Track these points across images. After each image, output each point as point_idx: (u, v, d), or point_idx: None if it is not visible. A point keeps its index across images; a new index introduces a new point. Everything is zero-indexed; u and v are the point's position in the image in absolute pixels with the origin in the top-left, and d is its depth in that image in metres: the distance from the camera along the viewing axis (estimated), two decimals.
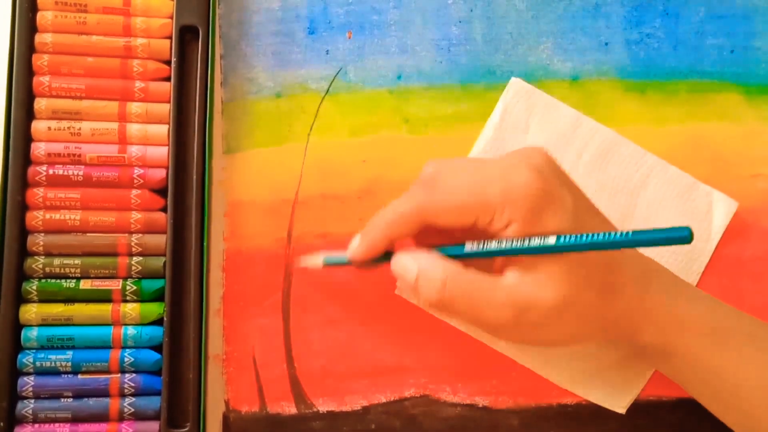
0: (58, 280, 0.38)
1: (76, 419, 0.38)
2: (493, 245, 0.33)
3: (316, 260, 0.38)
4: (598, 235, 0.32)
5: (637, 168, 0.42)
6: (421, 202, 0.34)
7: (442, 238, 0.36)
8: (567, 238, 0.32)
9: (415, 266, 0.34)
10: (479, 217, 0.33)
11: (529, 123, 0.42)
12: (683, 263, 0.42)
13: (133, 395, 0.38)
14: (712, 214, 0.42)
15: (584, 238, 0.32)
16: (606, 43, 0.43)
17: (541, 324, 0.33)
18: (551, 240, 0.32)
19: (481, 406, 0.41)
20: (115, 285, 0.39)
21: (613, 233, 0.32)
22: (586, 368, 0.41)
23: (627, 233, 0.32)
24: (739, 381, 0.35)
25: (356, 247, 0.36)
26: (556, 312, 0.33)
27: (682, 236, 0.30)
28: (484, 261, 0.36)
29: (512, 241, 0.33)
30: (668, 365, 0.38)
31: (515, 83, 0.42)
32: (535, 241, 0.32)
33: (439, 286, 0.33)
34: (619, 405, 0.41)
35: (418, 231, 0.35)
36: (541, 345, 0.37)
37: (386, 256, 0.36)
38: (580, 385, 0.41)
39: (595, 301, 0.34)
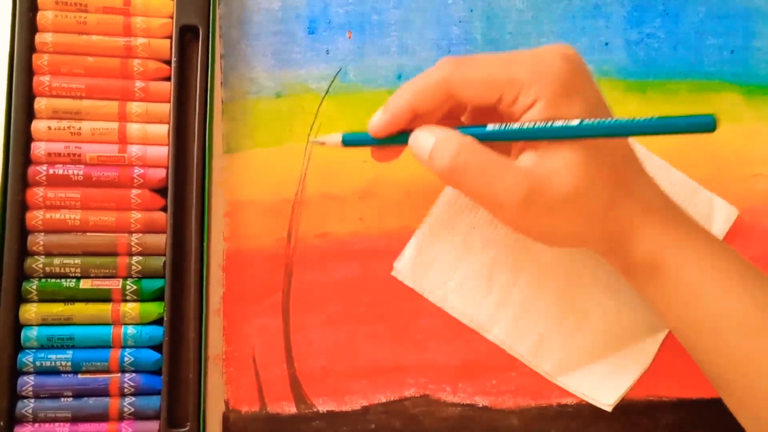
0: (58, 280, 0.38)
1: (76, 419, 0.38)
2: (515, 126, 0.33)
3: (335, 138, 0.36)
4: (621, 119, 0.32)
5: None
6: (448, 72, 0.33)
7: (466, 122, 0.35)
8: (590, 122, 0.32)
9: (432, 137, 0.33)
10: (505, 92, 0.33)
11: None
12: None
13: (133, 395, 0.38)
14: (713, 220, 0.42)
15: (607, 122, 0.32)
16: (606, 43, 0.43)
17: (548, 211, 0.33)
18: (575, 122, 0.32)
19: (481, 406, 0.41)
20: (115, 285, 0.39)
21: (635, 119, 0.32)
22: (577, 357, 0.41)
23: (650, 118, 0.32)
24: (721, 314, 0.34)
25: (379, 116, 0.34)
26: (566, 200, 0.32)
27: (706, 123, 0.30)
28: (503, 147, 0.35)
29: (534, 124, 0.32)
30: (654, 284, 0.36)
31: None
32: (559, 123, 0.32)
33: (453, 153, 0.33)
34: (607, 401, 0.41)
35: (442, 104, 0.34)
36: (541, 237, 0.36)
37: (406, 137, 0.35)
38: (570, 378, 0.41)
39: (604, 198, 0.33)
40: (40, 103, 0.39)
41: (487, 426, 0.41)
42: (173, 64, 0.40)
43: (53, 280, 0.38)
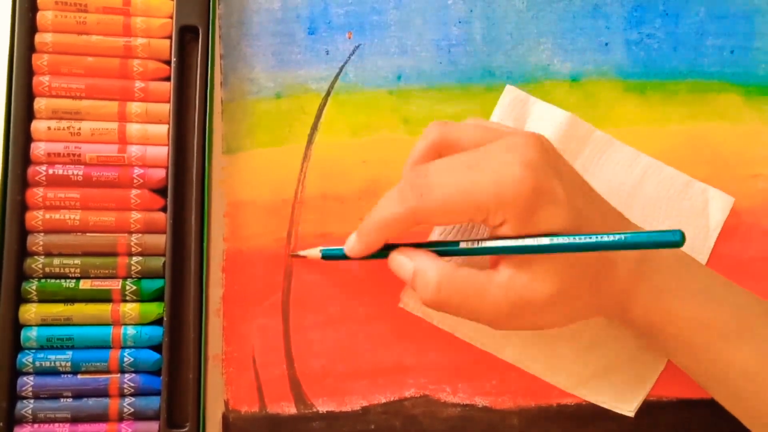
0: (58, 280, 0.38)
1: (76, 419, 0.38)
2: (487, 244, 0.34)
3: (314, 252, 0.39)
4: (590, 236, 0.32)
5: (632, 169, 0.42)
6: (413, 205, 0.34)
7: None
8: (559, 240, 0.32)
9: (411, 266, 0.35)
10: (473, 217, 0.33)
11: (524, 129, 0.42)
12: None
13: (132, 395, 0.38)
14: (709, 211, 0.42)
15: (576, 239, 0.32)
16: (606, 44, 0.43)
17: (534, 315, 0.34)
18: (545, 241, 0.32)
19: (481, 406, 0.41)
20: (114, 285, 0.39)
21: (604, 235, 0.32)
22: (592, 371, 0.41)
23: (619, 236, 0.31)
24: (726, 363, 0.35)
25: (353, 245, 0.37)
26: (550, 304, 0.33)
27: (674, 240, 0.30)
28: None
29: (506, 241, 0.33)
30: (657, 343, 0.39)
31: (510, 91, 0.42)
32: (529, 241, 0.32)
33: (434, 287, 0.34)
34: (628, 407, 0.41)
35: (412, 230, 0.35)
36: (535, 329, 0.38)
37: (383, 250, 0.37)
38: (588, 389, 0.41)
39: (588, 290, 0.35)
40: (40, 104, 0.39)
41: (487, 426, 0.41)
42: (173, 65, 0.40)
43: (53, 281, 0.38)
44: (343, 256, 0.37)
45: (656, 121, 0.43)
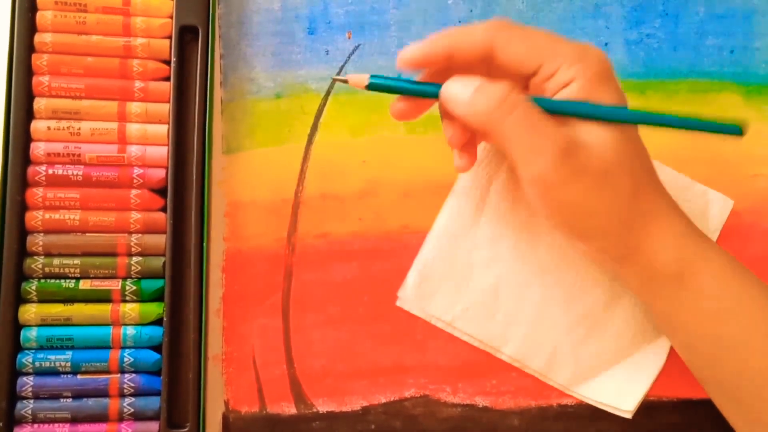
0: (58, 280, 0.38)
1: (76, 419, 0.38)
2: (561, 99, 0.33)
3: (361, 78, 0.34)
4: (659, 114, 0.34)
5: None
6: (495, 30, 0.32)
7: None
8: (635, 111, 0.33)
9: (474, 83, 0.32)
10: (546, 63, 0.32)
11: None
12: None
13: (132, 395, 0.38)
14: (708, 213, 0.42)
15: (648, 113, 0.34)
16: (606, 44, 0.43)
17: (577, 179, 0.32)
18: (617, 109, 0.33)
19: (481, 406, 0.41)
20: (114, 285, 0.39)
21: (671, 115, 0.34)
22: (590, 372, 0.41)
23: (683, 117, 0.34)
24: (748, 331, 0.34)
25: (414, 46, 0.33)
26: (597, 173, 0.32)
27: (736, 130, 0.34)
28: None
29: (583, 102, 0.33)
30: (678, 295, 0.35)
31: None
32: (606, 105, 0.33)
33: (500, 96, 0.32)
34: (626, 408, 0.41)
35: (480, 60, 0.33)
36: (561, 215, 0.34)
37: (436, 90, 0.33)
38: (586, 390, 0.41)
39: (630, 185, 0.33)
40: (40, 104, 0.39)
41: (487, 426, 0.41)
42: (173, 65, 0.40)
43: (53, 281, 0.38)
44: (396, 86, 0.34)
45: None
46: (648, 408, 0.41)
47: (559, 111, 0.33)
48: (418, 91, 0.34)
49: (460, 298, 0.41)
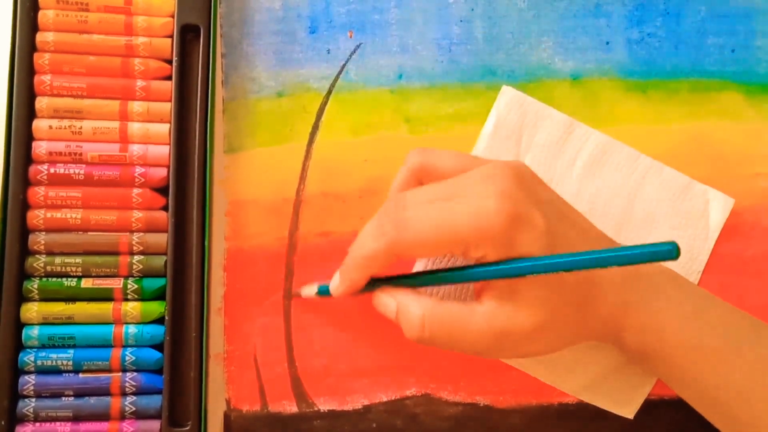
0: (60, 279, 0.38)
1: (78, 418, 0.38)
2: (468, 270, 0.34)
3: (311, 290, 0.39)
4: (575, 255, 0.31)
5: (631, 171, 0.42)
6: (392, 240, 0.33)
7: None
8: (541, 260, 0.31)
9: (394, 305, 0.35)
10: (452, 250, 0.33)
11: (521, 131, 0.42)
12: (683, 263, 0.42)
13: (134, 394, 0.38)
14: (709, 212, 0.42)
15: (560, 259, 0.31)
16: (607, 42, 0.43)
17: (519, 345, 0.34)
18: (526, 262, 0.32)
19: (482, 405, 0.41)
20: (116, 284, 0.39)
21: (593, 252, 0.30)
22: (592, 374, 0.41)
23: (608, 252, 0.30)
24: (719, 385, 0.35)
25: (338, 285, 0.36)
26: (536, 333, 0.33)
27: (667, 250, 0.28)
28: (463, 286, 0.38)
29: (487, 266, 0.33)
30: (649, 367, 0.38)
31: (507, 91, 0.42)
32: (510, 264, 0.32)
33: (418, 324, 0.34)
34: (627, 410, 0.41)
35: (394, 265, 0.35)
36: (524, 357, 0.39)
37: (370, 284, 0.36)
38: (588, 392, 0.41)
39: (574, 317, 0.34)
40: (42, 102, 0.39)
41: (488, 425, 0.41)
42: (174, 64, 0.40)
43: (54, 279, 0.38)
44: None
45: (657, 120, 0.43)
46: (648, 407, 0.41)
47: (474, 279, 0.34)
48: (357, 294, 0.37)
49: None
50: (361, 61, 0.43)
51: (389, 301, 0.35)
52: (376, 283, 0.36)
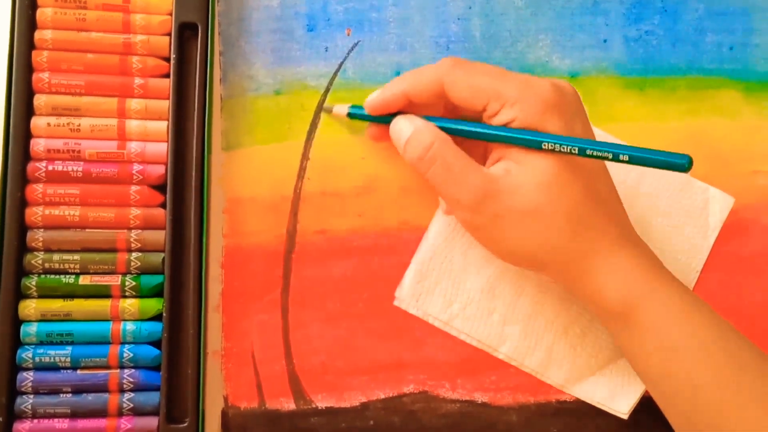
0: (58, 276, 0.38)
1: (76, 414, 0.38)
2: (495, 130, 0.35)
3: (342, 108, 0.41)
4: (600, 143, 0.33)
5: (630, 168, 0.42)
6: (444, 70, 0.35)
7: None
8: (568, 140, 0.33)
9: (410, 127, 0.36)
10: (490, 102, 0.34)
11: None
12: (683, 260, 0.42)
13: (132, 390, 0.38)
14: (709, 210, 0.42)
15: (583, 142, 0.33)
16: (605, 40, 0.44)
17: (499, 219, 0.34)
18: (552, 137, 0.33)
19: (480, 402, 0.41)
20: (114, 281, 0.39)
21: (615, 145, 0.33)
22: (587, 371, 0.41)
23: (628, 149, 0.32)
24: (697, 368, 0.34)
25: (375, 95, 0.38)
26: (521, 214, 0.34)
27: (680, 163, 0.31)
28: (480, 155, 0.37)
29: (516, 131, 0.34)
30: (628, 332, 0.36)
31: None
32: (541, 134, 0.34)
33: (426, 145, 0.35)
34: (622, 408, 0.41)
35: (435, 99, 0.36)
36: (492, 246, 0.36)
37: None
38: (582, 389, 0.41)
39: (565, 228, 0.34)
40: (40, 100, 0.39)
41: (486, 422, 0.41)
42: (172, 61, 0.40)
43: (52, 276, 0.38)
44: (369, 116, 0.39)
45: (655, 118, 0.43)
46: (646, 405, 0.41)
47: (486, 138, 0.35)
48: (385, 121, 0.39)
49: (456, 298, 0.41)
50: (358, 59, 0.43)
51: (406, 124, 0.37)
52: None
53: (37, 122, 0.39)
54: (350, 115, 0.40)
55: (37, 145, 0.39)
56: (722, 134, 0.43)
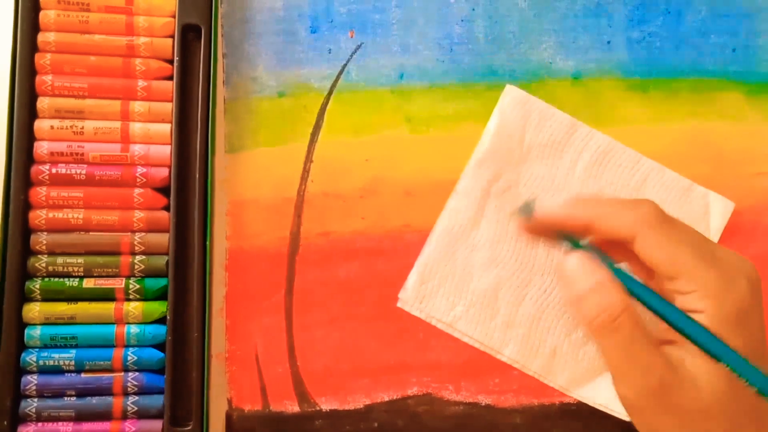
0: (61, 279, 0.38)
1: (80, 418, 0.38)
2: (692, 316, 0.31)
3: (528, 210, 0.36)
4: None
5: (633, 173, 0.42)
6: (643, 225, 0.32)
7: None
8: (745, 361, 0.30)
9: (593, 280, 0.32)
10: (682, 279, 0.31)
11: (524, 131, 0.42)
12: None
13: (136, 394, 0.38)
14: (710, 215, 0.42)
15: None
16: (608, 42, 0.43)
17: (670, 417, 0.31)
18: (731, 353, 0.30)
19: (483, 404, 0.41)
20: (118, 284, 0.39)
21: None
22: (590, 374, 0.41)
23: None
24: None
25: (554, 206, 0.34)
26: (697, 410, 0.30)
27: None
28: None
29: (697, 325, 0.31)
30: None
31: (510, 91, 0.42)
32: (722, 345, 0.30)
33: (613, 314, 0.31)
34: (623, 411, 0.41)
35: (618, 242, 0.33)
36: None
37: (576, 244, 0.34)
38: (586, 392, 0.41)
39: (736, 423, 0.31)
40: (43, 103, 0.39)
41: (489, 424, 0.41)
42: (175, 64, 0.40)
43: (56, 279, 0.38)
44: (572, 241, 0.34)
45: (658, 120, 0.43)
46: None
47: (666, 315, 0.32)
48: (566, 239, 0.34)
49: (460, 300, 0.41)
50: (362, 61, 0.43)
51: (587, 272, 0.32)
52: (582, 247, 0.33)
53: (41, 125, 0.39)
54: (521, 212, 0.35)
55: (41, 148, 0.39)
56: (725, 136, 0.43)
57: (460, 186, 0.41)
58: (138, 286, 0.39)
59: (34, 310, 0.38)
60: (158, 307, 0.39)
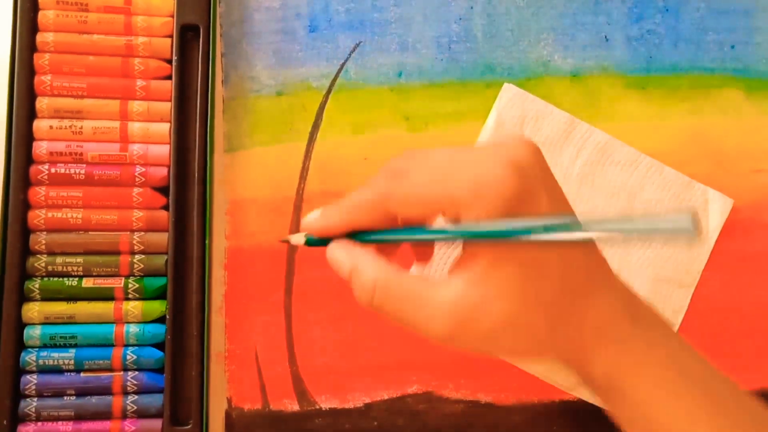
0: (61, 279, 0.38)
1: (79, 417, 0.38)
2: (448, 228, 0.30)
3: (299, 238, 0.34)
4: (565, 221, 0.27)
5: (632, 170, 0.42)
6: (383, 190, 0.30)
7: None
8: (542, 222, 0.27)
9: (349, 263, 0.31)
10: (444, 210, 0.29)
11: (522, 129, 0.42)
12: (682, 264, 0.42)
13: (135, 393, 0.38)
14: (708, 212, 0.42)
15: (562, 221, 0.27)
16: (606, 39, 0.43)
17: (479, 339, 0.30)
18: (521, 224, 0.28)
19: (483, 402, 0.41)
20: (117, 283, 0.39)
21: (607, 221, 0.27)
22: None
23: (622, 221, 0.26)
24: None
25: (313, 221, 0.32)
26: (497, 330, 0.30)
27: (684, 228, 0.24)
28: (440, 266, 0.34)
29: (474, 225, 0.28)
30: (614, 405, 0.34)
31: (508, 89, 0.42)
32: (504, 225, 0.28)
33: (368, 289, 0.30)
34: None
35: (381, 221, 0.31)
36: (483, 353, 0.34)
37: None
38: (584, 392, 0.41)
39: (543, 326, 0.30)
40: (42, 103, 0.39)
41: (489, 422, 0.41)
42: (174, 63, 0.40)
43: (56, 279, 0.38)
44: (321, 242, 0.33)
45: (657, 117, 0.43)
46: None
47: (464, 238, 0.30)
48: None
49: None
50: (360, 60, 0.43)
51: (344, 257, 0.31)
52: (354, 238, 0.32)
53: (40, 125, 0.39)
54: (308, 243, 0.33)
55: (40, 148, 0.39)
56: (724, 133, 0.43)
57: None
58: (137, 286, 0.39)
59: (33, 310, 0.38)
60: (157, 307, 0.39)
